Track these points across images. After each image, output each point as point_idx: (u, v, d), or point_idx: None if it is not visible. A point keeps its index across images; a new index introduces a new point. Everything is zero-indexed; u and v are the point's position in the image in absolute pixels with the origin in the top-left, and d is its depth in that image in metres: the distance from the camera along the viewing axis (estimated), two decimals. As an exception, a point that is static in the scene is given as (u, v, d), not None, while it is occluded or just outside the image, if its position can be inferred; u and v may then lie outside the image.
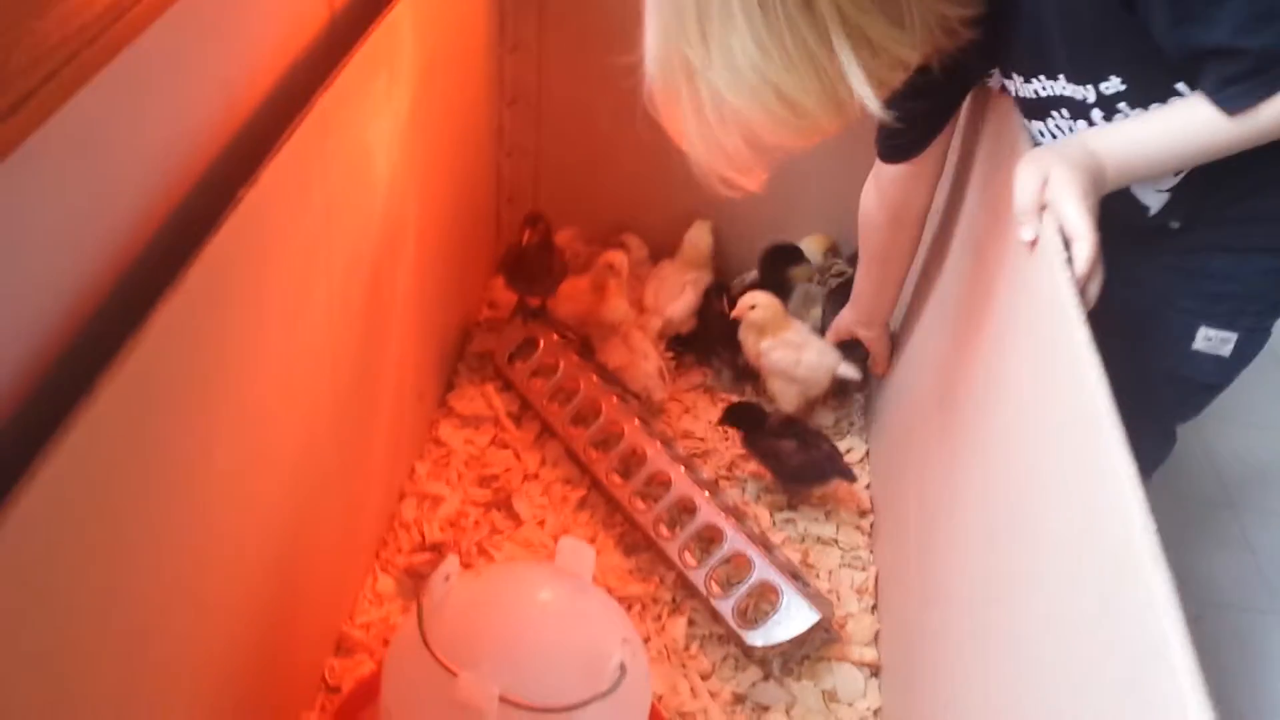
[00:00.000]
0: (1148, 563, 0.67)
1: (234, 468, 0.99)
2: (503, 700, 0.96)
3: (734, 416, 1.72)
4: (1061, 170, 1.00)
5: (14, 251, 0.72)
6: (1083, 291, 0.94)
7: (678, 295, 1.94)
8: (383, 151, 1.29)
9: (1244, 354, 1.22)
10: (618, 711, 1.02)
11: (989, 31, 1.08)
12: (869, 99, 0.95)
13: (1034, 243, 1.02)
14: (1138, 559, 0.68)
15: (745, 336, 1.82)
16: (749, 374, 1.90)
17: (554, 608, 1.07)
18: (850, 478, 1.68)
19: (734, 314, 1.79)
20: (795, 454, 1.65)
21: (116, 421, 0.76)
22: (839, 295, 1.84)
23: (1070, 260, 0.96)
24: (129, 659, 0.86)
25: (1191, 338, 1.21)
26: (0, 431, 0.73)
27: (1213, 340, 1.21)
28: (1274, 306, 1.20)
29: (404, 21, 1.29)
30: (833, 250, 2.00)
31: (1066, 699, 0.79)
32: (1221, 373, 1.24)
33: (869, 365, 1.82)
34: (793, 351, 1.77)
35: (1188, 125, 1.00)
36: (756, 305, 1.78)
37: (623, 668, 1.00)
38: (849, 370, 1.79)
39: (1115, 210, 1.03)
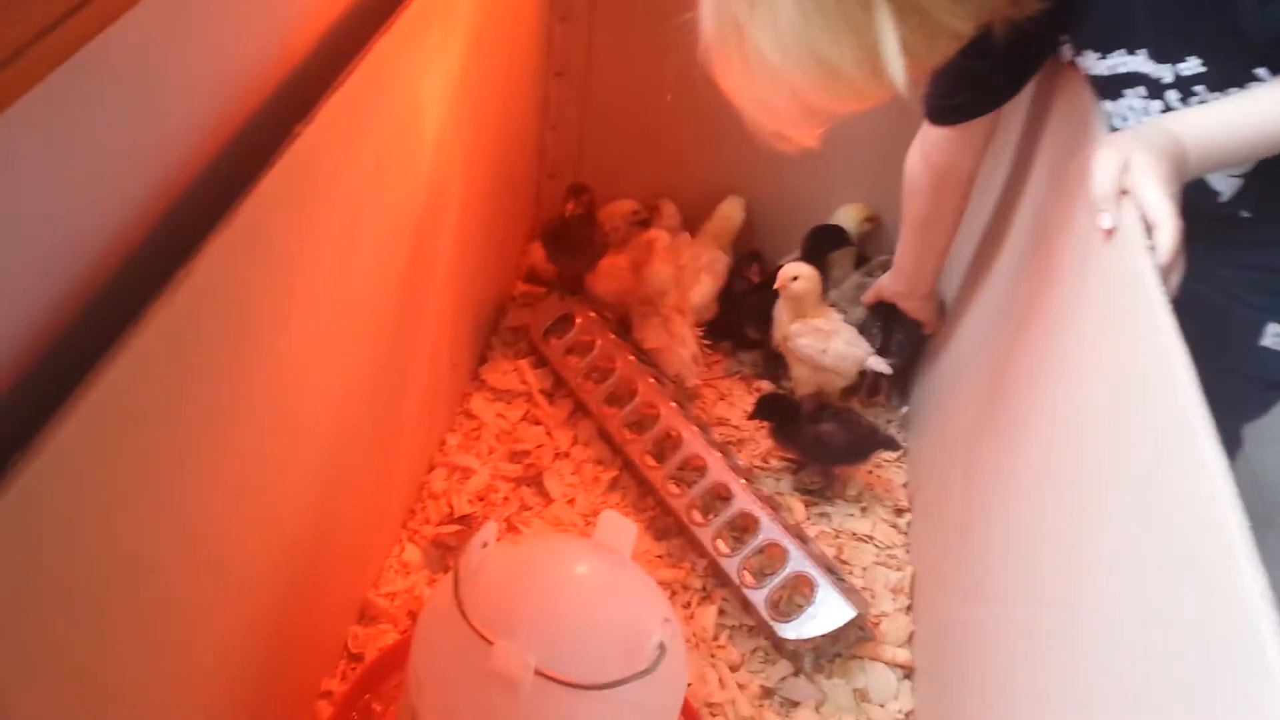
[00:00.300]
0: (1244, 567, 0.62)
1: (268, 424, 0.96)
2: (537, 674, 0.92)
3: (767, 409, 1.68)
4: (1143, 155, 0.96)
5: (62, 173, 0.69)
6: (1165, 281, 0.90)
7: (694, 284, 1.88)
8: (432, 109, 1.25)
9: None
10: (655, 692, 0.99)
11: (1063, 5, 1.05)
12: (897, 71, 0.93)
13: (1111, 231, 0.98)
14: (1232, 562, 0.64)
15: (780, 312, 1.75)
16: (778, 356, 1.83)
17: (593, 582, 1.04)
18: (895, 446, 1.68)
19: (776, 285, 1.72)
20: (838, 434, 1.62)
21: (151, 366, 0.73)
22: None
23: (1152, 248, 0.92)
24: (152, 619, 0.84)
25: (1260, 334, 1.17)
26: (34, 371, 0.70)
27: None
28: None
29: (462, -26, 1.26)
30: (871, 220, 1.94)
31: (1131, 708, 0.75)
32: None
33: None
34: (821, 339, 1.71)
35: (1275, 107, 0.96)
36: (800, 276, 1.70)
37: (662, 648, 0.97)
38: (878, 364, 1.73)
39: (1185, 196, 0.99)
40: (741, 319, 1.87)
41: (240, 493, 0.94)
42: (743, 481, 1.54)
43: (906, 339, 1.77)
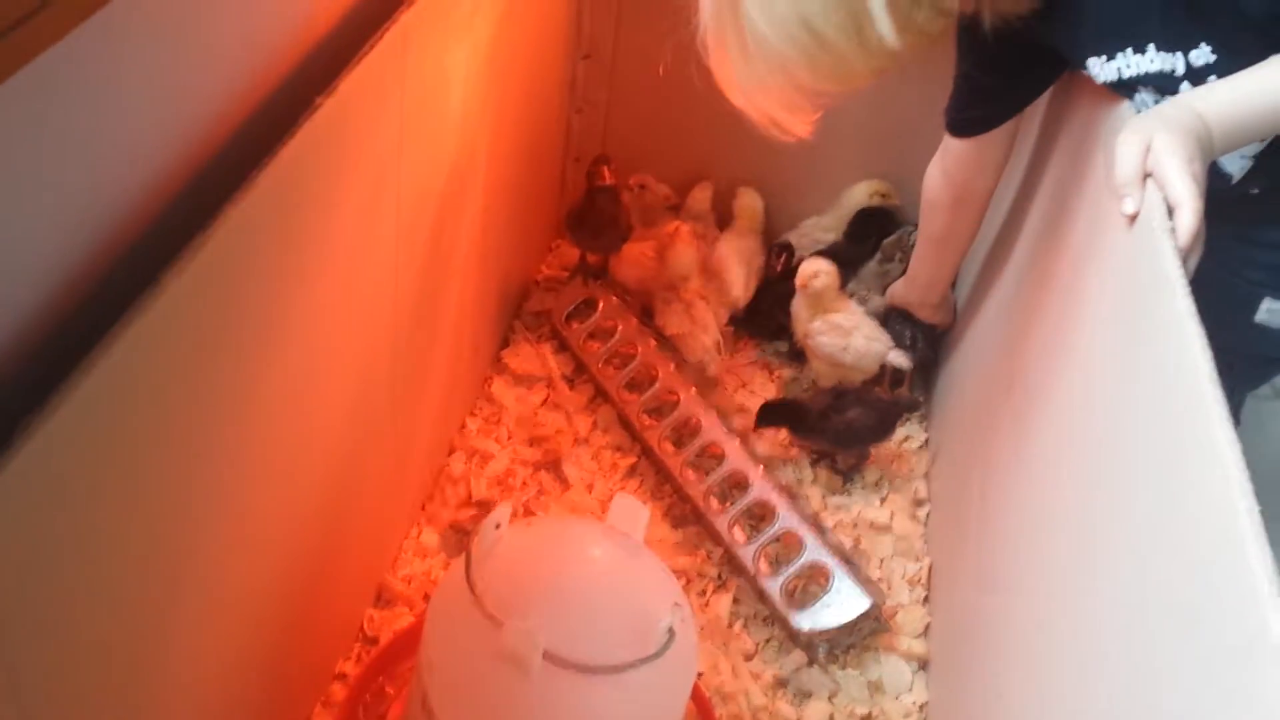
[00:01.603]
0: (1252, 551, 0.62)
1: (286, 402, 0.96)
2: (547, 656, 0.92)
3: (773, 417, 1.65)
4: (1165, 136, 0.94)
5: (84, 137, 0.69)
6: (1184, 263, 0.88)
7: (742, 282, 1.86)
8: (459, 84, 1.25)
9: None
10: (664, 677, 0.98)
11: (1060, 19, 1.07)
12: (888, 34, 0.96)
13: (1134, 216, 0.96)
14: (1239, 547, 0.63)
15: (799, 309, 1.73)
16: (799, 351, 1.82)
17: (604, 565, 1.04)
18: (916, 406, 1.74)
19: (796, 282, 1.72)
20: (865, 416, 1.61)
21: (169, 338, 0.73)
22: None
23: (1173, 230, 0.90)
24: (168, 597, 0.84)
25: (1254, 309, 1.18)
26: (53, 338, 0.70)
27: (1276, 312, 1.17)
28: None
29: (490, -47, 1.25)
30: (884, 195, 1.91)
31: (1142, 697, 0.74)
32: None
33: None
34: (841, 336, 1.70)
35: None
36: (820, 273, 1.69)
37: (671, 632, 0.97)
38: (899, 358, 1.72)
39: None
40: (772, 306, 1.85)
41: (257, 472, 0.94)
42: (761, 469, 1.54)
43: (926, 332, 1.76)
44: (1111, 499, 0.89)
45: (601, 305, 1.78)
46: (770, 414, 1.64)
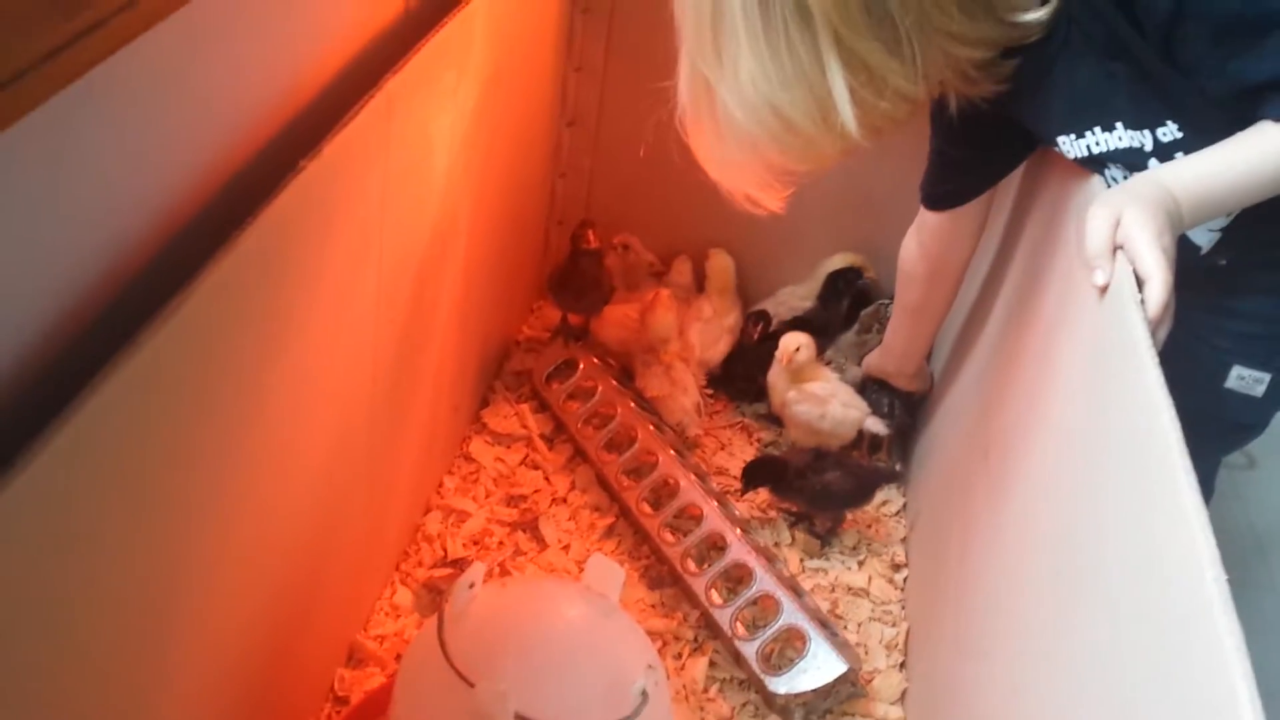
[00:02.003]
0: (1219, 618, 0.62)
1: (266, 452, 0.96)
2: (518, 718, 0.92)
3: (757, 477, 1.66)
4: (1135, 210, 0.96)
5: (66, 195, 0.70)
6: (1153, 335, 0.90)
7: (717, 341, 1.91)
8: (443, 150, 1.27)
9: (1277, 396, 1.20)
10: (637, 740, 0.98)
11: (1028, 100, 1.10)
12: (850, 123, 0.99)
13: (1105, 288, 0.98)
14: (1208, 614, 0.63)
15: (776, 380, 1.76)
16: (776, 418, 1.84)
17: (578, 626, 1.03)
18: (895, 477, 1.74)
19: (778, 357, 1.74)
20: (843, 481, 1.62)
21: (145, 392, 0.73)
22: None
23: (1142, 302, 0.92)
24: (137, 653, 0.83)
25: (1225, 376, 1.19)
26: (30, 388, 0.70)
27: (1246, 380, 1.19)
28: None
29: (477, 22, 1.28)
30: (861, 269, 1.94)
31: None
32: (1255, 413, 1.23)
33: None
34: (818, 405, 1.73)
35: (1260, 150, 0.97)
36: (801, 347, 1.73)
37: (645, 694, 0.96)
38: (875, 425, 1.75)
39: None
40: (750, 368, 1.87)
41: (229, 528, 0.94)
42: (738, 531, 1.54)
43: (904, 400, 1.78)
44: (1083, 565, 0.90)
45: (582, 366, 1.79)
46: (754, 473, 1.65)
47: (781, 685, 1.38)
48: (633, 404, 1.73)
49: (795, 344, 1.73)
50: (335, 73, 1.06)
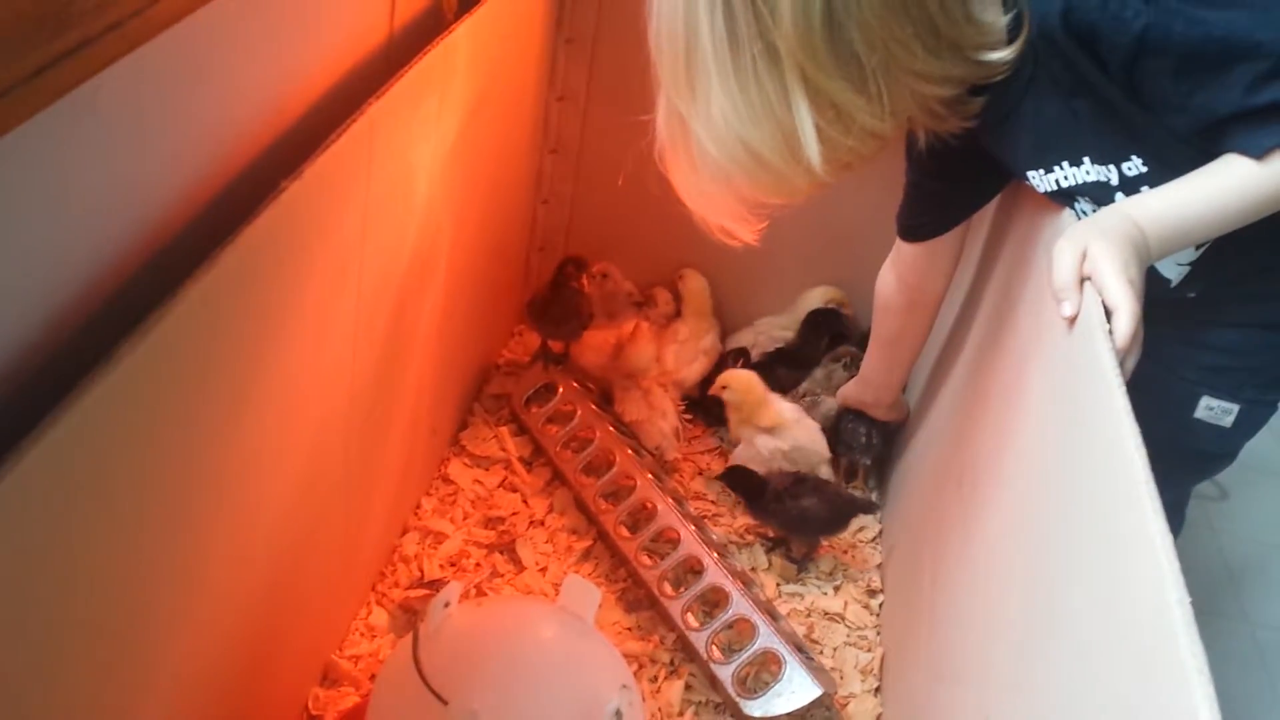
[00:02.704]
0: (1183, 644, 0.64)
1: (242, 471, 0.97)
2: (492, 737, 0.92)
3: (734, 480, 1.70)
4: (1100, 243, 0.98)
5: (45, 214, 0.71)
6: (1121, 364, 0.91)
7: (692, 361, 1.93)
8: (424, 175, 1.28)
9: (1246, 426, 1.22)
10: (610, 760, 0.98)
11: (996, 136, 1.12)
12: (815, 160, 1.01)
13: (1073, 319, 1.00)
14: (1173, 640, 0.65)
15: (729, 415, 1.79)
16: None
17: (553, 646, 1.04)
18: (873, 509, 1.74)
19: (710, 391, 1.78)
20: (819, 508, 1.63)
21: (118, 412, 0.74)
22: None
23: (1110, 333, 0.93)
24: (107, 668, 0.83)
25: (1194, 406, 1.22)
26: (9, 399, 0.71)
27: (1215, 410, 1.21)
28: (1277, 381, 1.21)
29: (460, 49, 1.29)
30: (839, 304, 1.98)
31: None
32: (1223, 443, 1.25)
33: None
34: (783, 440, 1.74)
35: (1225, 182, 0.99)
36: (727, 387, 1.76)
37: (619, 715, 0.97)
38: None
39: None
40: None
41: (205, 546, 0.94)
42: (715, 555, 1.55)
43: (880, 430, 1.80)
44: (1053, 592, 0.91)
45: (561, 390, 1.80)
46: (733, 476, 1.68)
47: (757, 709, 1.39)
48: (611, 428, 1.74)
49: (722, 382, 1.76)
50: (318, 97, 1.07)
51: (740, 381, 1.76)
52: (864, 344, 1.75)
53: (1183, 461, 1.28)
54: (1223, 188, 0.99)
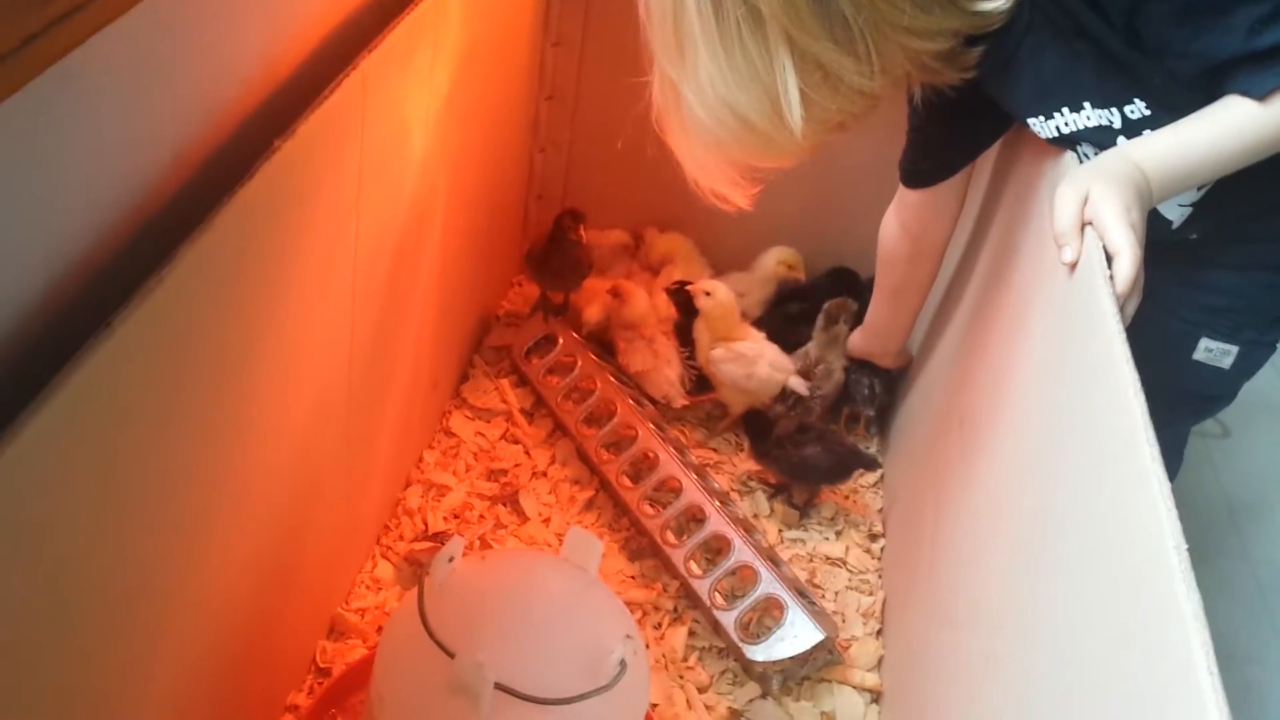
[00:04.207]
0: (1179, 588, 0.64)
1: (240, 435, 0.97)
2: (498, 688, 0.93)
3: (745, 422, 1.71)
4: (1101, 186, 0.98)
5: (40, 179, 0.71)
6: (1121, 309, 0.91)
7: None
8: (419, 128, 1.27)
9: (1244, 368, 1.23)
10: (615, 708, 0.99)
11: (996, 84, 1.11)
12: (795, 119, 1.01)
13: (1073, 264, 0.99)
14: (1169, 584, 0.65)
15: (700, 332, 1.78)
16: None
17: (557, 598, 1.05)
18: (875, 465, 1.73)
19: (690, 288, 1.78)
20: (822, 457, 1.64)
21: (122, 371, 0.74)
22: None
23: (1111, 277, 0.93)
24: (116, 625, 0.84)
25: (1192, 348, 1.22)
26: (11, 365, 0.71)
27: (1214, 352, 1.21)
28: (1276, 322, 1.21)
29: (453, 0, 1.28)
30: (790, 266, 1.95)
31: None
32: (1221, 384, 1.25)
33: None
34: (745, 365, 1.75)
35: (1227, 123, 0.98)
36: (710, 293, 1.75)
37: (623, 664, 0.98)
38: (798, 385, 1.77)
39: None
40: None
41: (209, 503, 0.94)
42: (717, 504, 1.55)
43: (884, 380, 1.81)
44: (1051, 535, 0.91)
45: (561, 341, 1.80)
46: (746, 418, 1.70)
47: (760, 653, 1.41)
48: (612, 378, 1.74)
49: (705, 289, 1.75)
50: (310, 52, 1.06)
51: (724, 292, 1.76)
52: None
53: (1181, 402, 1.28)
54: (1224, 129, 0.98)
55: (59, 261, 0.75)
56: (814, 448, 1.65)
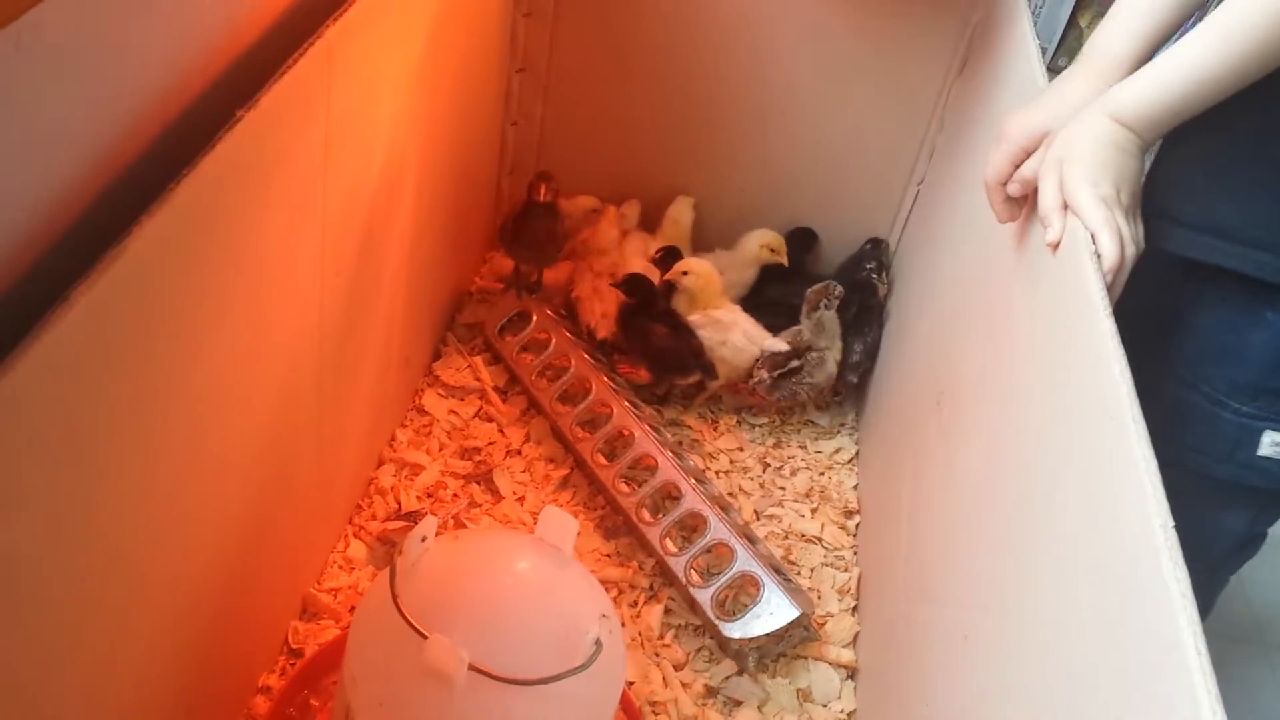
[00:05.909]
0: (1165, 566, 0.64)
1: (206, 412, 0.95)
2: (472, 669, 0.92)
3: (630, 284, 1.73)
4: (1070, 166, 0.97)
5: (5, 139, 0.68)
6: (1110, 286, 0.90)
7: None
8: (388, 99, 1.24)
9: None
10: (591, 688, 0.98)
11: None
12: None
13: (1056, 244, 0.98)
14: (1155, 561, 0.64)
15: (678, 303, 1.78)
16: None
17: (531, 578, 1.03)
18: (712, 375, 1.74)
19: (666, 276, 1.78)
20: (665, 338, 1.70)
21: (79, 346, 0.71)
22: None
23: (1098, 254, 0.92)
24: (81, 605, 0.81)
25: (1256, 444, 1.09)
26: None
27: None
28: None
29: (421, -34, 1.25)
30: (772, 250, 1.90)
31: (1064, 705, 0.75)
32: None
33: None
34: (720, 331, 1.75)
35: (1198, 38, 0.93)
36: (689, 272, 1.76)
37: (599, 644, 0.96)
38: (775, 344, 1.76)
39: None
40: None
41: (176, 482, 0.92)
42: (693, 481, 1.54)
43: (865, 349, 1.79)
44: (1033, 513, 0.91)
45: (535, 318, 1.78)
46: (631, 281, 1.73)
47: (736, 630, 1.40)
48: (586, 356, 1.72)
49: (683, 268, 1.76)
50: (274, 19, 1.03)
51: (702, 268, 1.77)
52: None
53: (1245, 500, 1.16)
54: (1195, 42, 0.94)
55: (11, 234, 0.72)
56: (663, 326, 1.70)
